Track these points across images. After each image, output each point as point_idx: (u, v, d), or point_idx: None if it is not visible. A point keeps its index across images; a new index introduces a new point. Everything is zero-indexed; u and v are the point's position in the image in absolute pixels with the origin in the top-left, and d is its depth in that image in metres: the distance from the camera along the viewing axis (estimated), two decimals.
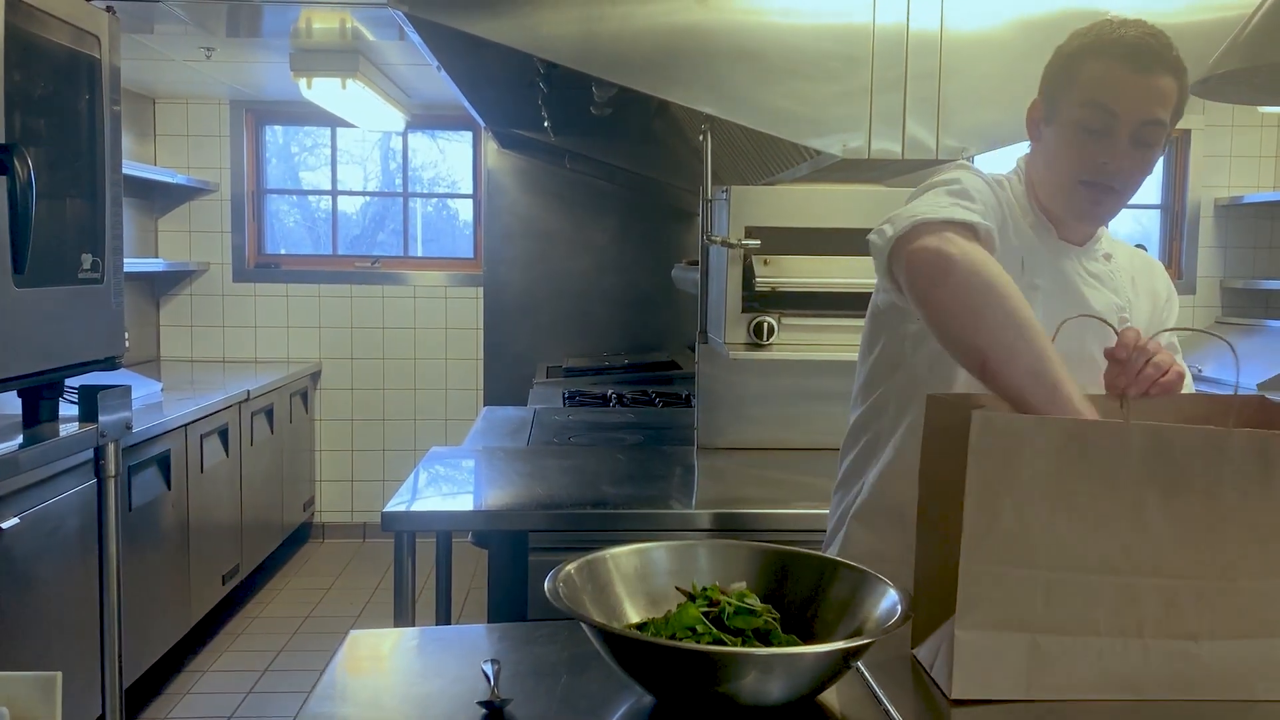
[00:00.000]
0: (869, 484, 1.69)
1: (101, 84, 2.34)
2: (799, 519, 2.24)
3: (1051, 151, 1.54)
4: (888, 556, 1.47)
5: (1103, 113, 1.46)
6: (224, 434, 4.29)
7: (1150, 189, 5.66)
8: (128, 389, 2.51)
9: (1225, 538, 1.21)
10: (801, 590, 1.33)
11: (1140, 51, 1.45)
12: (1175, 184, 5.62)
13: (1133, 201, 5.61)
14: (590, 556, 1.36)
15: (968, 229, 1.37)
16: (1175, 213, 5.62)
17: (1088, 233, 1.61)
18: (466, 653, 1.38)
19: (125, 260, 2.51)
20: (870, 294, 1.78)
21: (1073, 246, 1.60)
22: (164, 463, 3.66)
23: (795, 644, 1.22)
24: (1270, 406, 1.35)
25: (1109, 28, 1.49)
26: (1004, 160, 6.14)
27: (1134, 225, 5.69)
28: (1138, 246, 2.73)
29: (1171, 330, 1.65)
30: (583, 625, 1.18)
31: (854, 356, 2.67)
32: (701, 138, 2.58)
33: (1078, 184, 1.51)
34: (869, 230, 2.76)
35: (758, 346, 2.58)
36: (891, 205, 2.61)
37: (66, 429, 2.35)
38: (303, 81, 4.24)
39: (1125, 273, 1.65)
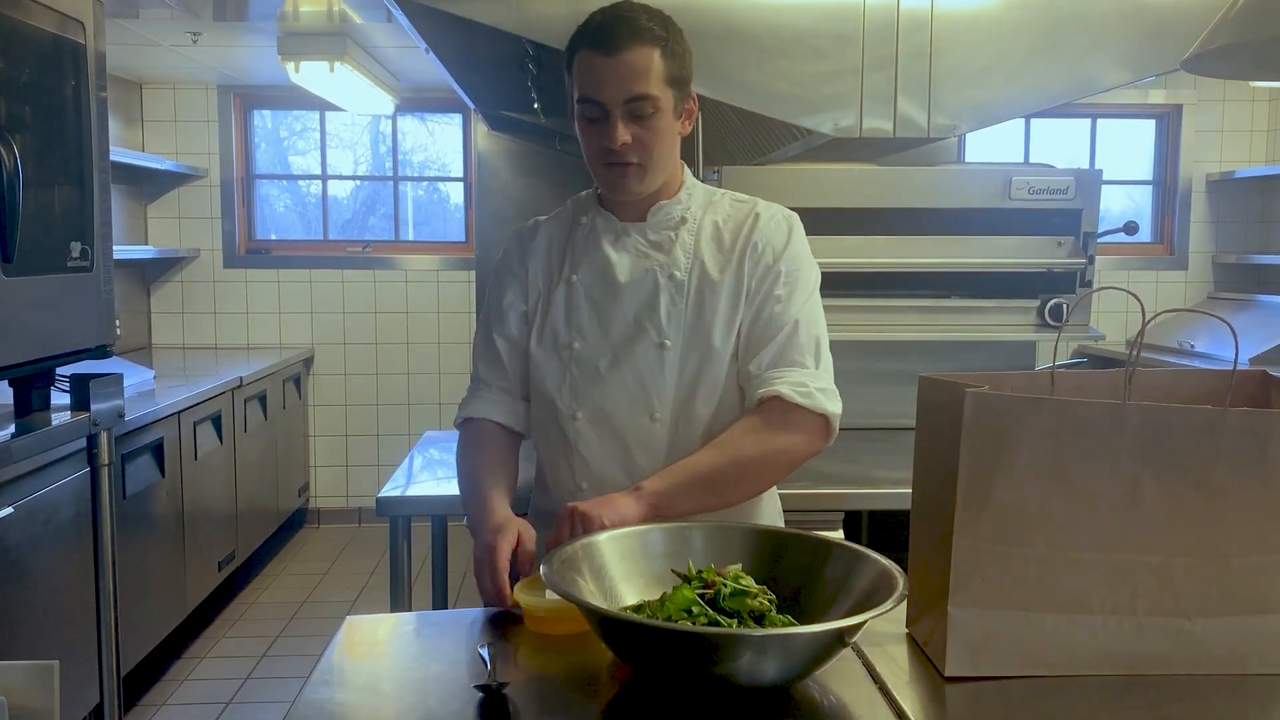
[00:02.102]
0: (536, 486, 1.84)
1: (87, 70, 2.32)
2: (793, 499, 2.24)
3: (580, 142, 1.63)
4: None
5: (592, 104, 1.56)
6: (217, 421, 4.28)
7: (1142, 164, 5.66)
8: (119, 377, 2.50)
9: (1219, 516, 1.22)
10: (796, 570, 1.33)
11: (606, 33, 1.53)
12: (1167, 159, 5.61)
13: (1125, 176, 5.55)
14: (586, 539, 1.36)
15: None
16: (1167, 188, 5.62)
17: (643, 205, 1.67)
18: (463, 636, 1.38)
19: (115, 247, 2.49)
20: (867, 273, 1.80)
21: (634, 224, 1.68)
22: (158, 450, 3.65)
23: (790, 624, 1.22)
24: (1270, 381, 1.35)
25: (592, 15, 1.58)
26: (996, 137, 6.07)
27: (1126, 201, 5.69)
28: (1129, 224, 2.72)
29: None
30: (579, 608, 1.18)
31: (847, 336, 2.68)
32: None
33: (601, 165, 1.61)
34: (861, 209, 2.75)
35: None
36: (883, 184, 2.62)
37: (59, 418, 2.35)
38: (290, 65, 4.21)
39: (709, 235, 1.67)
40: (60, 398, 2.39)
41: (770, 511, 1.78)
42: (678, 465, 1.56)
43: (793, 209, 2.59)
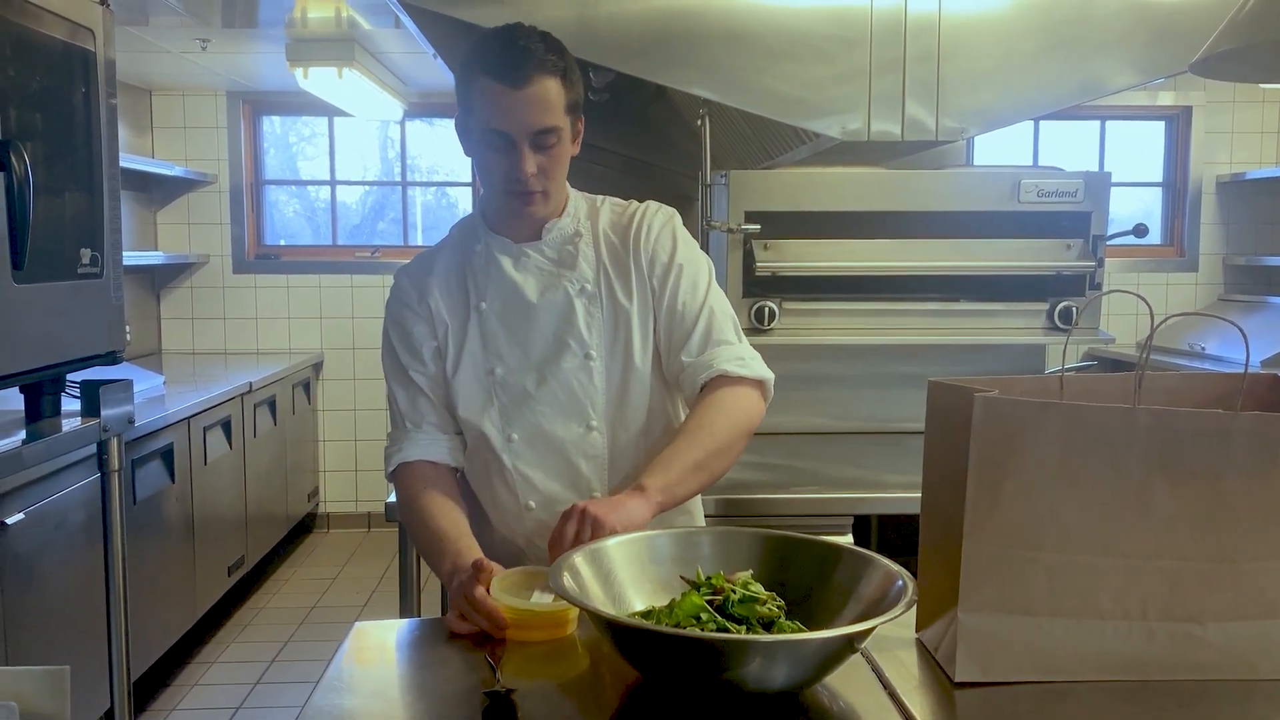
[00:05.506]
0: None
1: (97, 77, 2.32)
2: (803, 504, 2.24)
3: (478, 166, 1.65)
4: None
5: (499, 135, 1.57)
6: (227, 426, 4.29)
7: (1152, 166, 5.64)
8: (129, 383, 2.51)
9: (1229, 520, 1.21)
10: (805, 576, 1.33)
11: (511, 65, 1.53)
12: (1177, 161, 5.60)
13: (1134, 179, 5.55)
14: (594, 545, 1.36)
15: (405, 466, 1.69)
16: (1177, 190, 5.60)
17: (537, 224, 1.68)
18: (471, 642, 1.38)
19: (124, 254, 2.50)
20: (875, 276, 1.79)
21: (530, 244, 1.69)
22: (167, 456, 3.66)
23: (799, 630, 1.22)
24: None
25: (487, 40, 1.58)
26: (1004, 140, 6.04)
27: (1136, 203, 5.67)
28: (1139, 226, 2.71)
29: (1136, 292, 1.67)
30: (587, 614, 1.18)
31: (856, 340, 2.68)
32: (700, 122, 2.57)
33: (504, 193, 1.63)
34: (869, 213, 2.75)
35: (759, 331, 2.58)
36: (891, 187, 2.62)
37: (69, 424, 2.35)
38: (299, 71, 4.23)
39: (605, 243, 1.69)
40: (70, 404, 2.39)
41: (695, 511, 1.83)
42: (668, 458, 1.57)
43: (801, 213, 2.61)
